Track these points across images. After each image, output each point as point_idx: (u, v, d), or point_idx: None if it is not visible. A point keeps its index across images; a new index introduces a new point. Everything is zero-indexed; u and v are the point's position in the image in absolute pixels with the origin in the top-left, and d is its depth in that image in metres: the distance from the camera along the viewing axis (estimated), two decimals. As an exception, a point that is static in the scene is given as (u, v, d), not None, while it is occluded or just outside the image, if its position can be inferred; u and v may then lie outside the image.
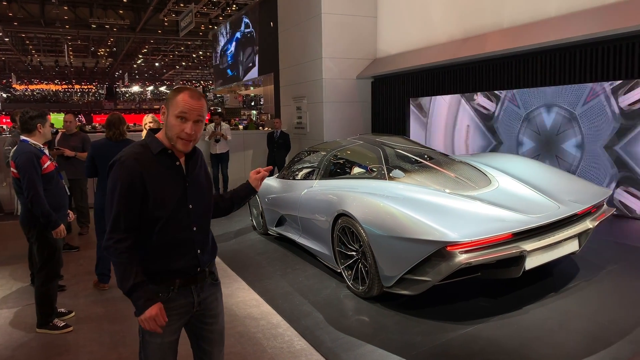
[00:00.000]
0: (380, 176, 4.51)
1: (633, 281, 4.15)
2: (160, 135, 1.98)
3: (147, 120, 5.65)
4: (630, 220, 6.03)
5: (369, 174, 4.75)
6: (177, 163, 1.99)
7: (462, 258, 3.30)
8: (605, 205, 4.12)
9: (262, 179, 2.37)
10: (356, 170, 5.04)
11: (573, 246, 3.74)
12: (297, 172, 5.90)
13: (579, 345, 3.13)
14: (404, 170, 4.55)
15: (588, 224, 3.79)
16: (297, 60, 11.13)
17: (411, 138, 8.82)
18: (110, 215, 1.88)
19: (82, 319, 4.06)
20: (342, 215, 4.21)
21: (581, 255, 4.44)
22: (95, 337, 3.74)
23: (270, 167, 2.49)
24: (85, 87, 52.11)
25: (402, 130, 9.79)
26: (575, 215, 3.74)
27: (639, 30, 5.41)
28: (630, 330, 3.25)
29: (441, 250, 3.36)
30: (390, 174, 4.48)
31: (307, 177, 5.66)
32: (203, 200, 2.07)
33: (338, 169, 5.25)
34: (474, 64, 7.93)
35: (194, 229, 2.02)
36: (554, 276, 4.21)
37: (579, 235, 3.73)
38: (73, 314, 4.13)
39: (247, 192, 2.35)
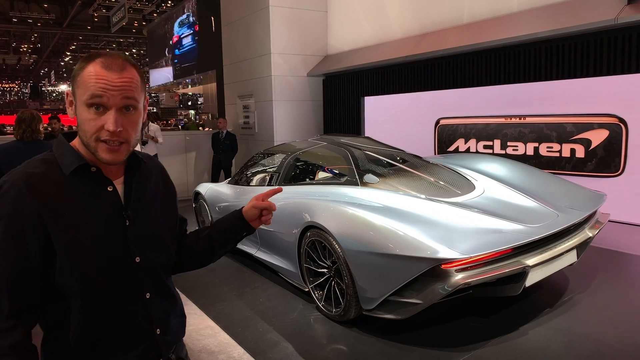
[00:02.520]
0: (352, 182, 4.00)
1: (628, 290, 3.88)
2: (77, 142, 1.20)
3: None
4: (610, 224, 5.83)
5: (337, 179, 4.22)
6: (110, 188, 1.21)
7: (459, 278, 2.84)
8: (598, 211, 3.81)
9: (264, 219, 1.44)
10: (322, 175, 4.50)
11: (571, 258, 3.38)
12: (252, 177, 5.29)
13: (592, 373, 2.76)
14: (378, 175, 4.06)
15: (588, 232, 3.45)
16: (243, 56, 10.46)
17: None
18: None
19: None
20: (312, 227, 3.66)
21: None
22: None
23: (280, 189, 1.57)
24: (7, 85, 48.59)
25: (356, 130, 9.37)
26: (574, 223, 3.38)
27: (607, 26, 5.24)
28: (643, 351, 2.91)
29: (435, 269, 2.88)
30: (363, 179, 3.98)
31: (264, 182, 5.06)
32: (160, 246, 1.30)
33: (301, 174, 4.69)
34: (432, 61, 7.61)
35: (147, 296, 1.25)
36: (544, 289, 3.87)
37: (577, 246, 3.38)
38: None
39: (235, 226, 1.46)
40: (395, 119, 8.73)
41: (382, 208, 3.46)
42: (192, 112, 33.38)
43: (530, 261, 3.01)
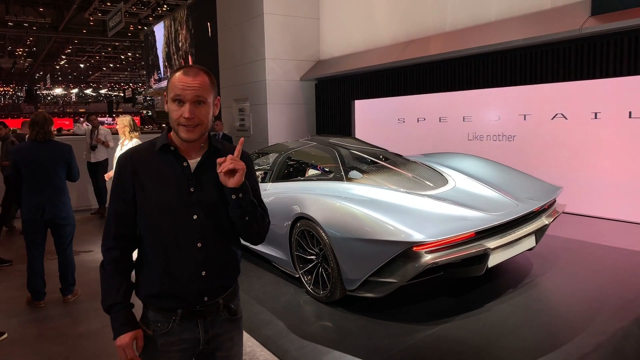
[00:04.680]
0: (338, 178, 4.42)
1: (584, 274, 4.32)
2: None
3: (125, 122, 5.45)
4: (573, 216, 6.32)
5: (325, 175, 4.64)
6: (185, 164, 1.66)
7: (428, 258, 3.26)
8: (556, 202, 4.26)
9: (230, 170, 1.59)
10: (311, 172, 4.92)
11: (530, 242, 3.82)
12: (247, 175, 5.69)
13: (543, 340, 3.18)
14: (361, 171, 4.49)
15: (544, 220, 3.90)
16: (238, 61, 10.88)
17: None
18: (106, 218, 1.71)
19: (16, 341, 3.67)
20: (302, 218, 4.07)
21: (533, 252, 4.58)
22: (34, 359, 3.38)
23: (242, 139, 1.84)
24: (1, 89, 48.67)
25: (347, 131, 9.80)
26: (532, 212, 3.83)
27: (573, 35, 5.70)
28: (589, 322, 3.34)
29: (407, 251, 3.30)
30: (348, 175, 4.40)
31: (258, 180, 5.47)
32: (215, 211, 1.67)
33: (292, 171, 5.10)
34: (417, 67, 8.06)
35: (198, 245, 1.65)
36: (510, 273, 4.30)
37: (535, 232, 3.82)
38: (5, 335, 3.72)
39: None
40: (383, 120, 9.17)
41: (365, 200, 3.87)
42: (187, 115, 33.64)
43: (491, 244, 3.44)
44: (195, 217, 1.64)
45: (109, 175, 5.47)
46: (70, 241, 4.52)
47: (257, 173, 5.59)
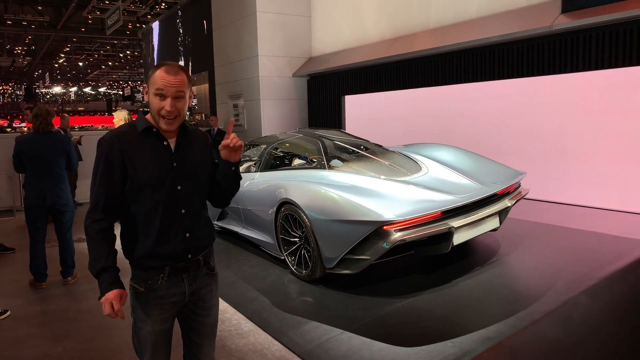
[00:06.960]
0: (321, 166, 4.73)
1: (544, 253, 4.66)
2: (149, 115, 1.92)
3: (121, 116, 5.81)
4: (539, 202, 6.67)
5: (309, 164, 4.96)
6: (165, 143, 1.90)
7: (397, 236, 3.57)
8: (520, 186, 4.58)
9: (234, 147, 1.97)
10: (297, 161, 5.23)
11: (494, 223, 4.14)
12: (237, 166, 6.00)
13: (501, 310, 3.49)
14: (342, 160, 4.80)
15: (507, 202, 4.21)
16: (232, 58, 11.18)
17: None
18: (92, 194, 1.86)
19: (20, 317, 3.98)
20: (286, 203, 4.38)
21: (502, 235, 4.91)
22: (37, 332, 3.69)
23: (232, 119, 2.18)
24: (1, 87, 48.83)
25: (337, 127, 10.11)
26: (495, 194, 4.15)
27: (544, 32, 6.00)
28: (543, 293, 3.67)
29: (378, 230, 3.61)
30: (330, 164, 4.71)
31: (247, 170, 5.78)
32: (195, 181, 1.97)
33: (279, 161, 5.42)
34: (403, 62, 8.37)
35: (182, 211, 1.92)
36: (478, 253, 4.63)
37: (499, 213, 4.14)
38: (8, 313, 4.02)
39: (224, 165, 2.04)
40: (372, 114, 9.48)
41: (343, 186, 4.18)
42: (185, 112, 33.86)
43: (455, 223, 3.75)
44: (179, 187, 1.91)
45: None
46: (70, 227, 4.82)
47: (247, 164, 5.90)
